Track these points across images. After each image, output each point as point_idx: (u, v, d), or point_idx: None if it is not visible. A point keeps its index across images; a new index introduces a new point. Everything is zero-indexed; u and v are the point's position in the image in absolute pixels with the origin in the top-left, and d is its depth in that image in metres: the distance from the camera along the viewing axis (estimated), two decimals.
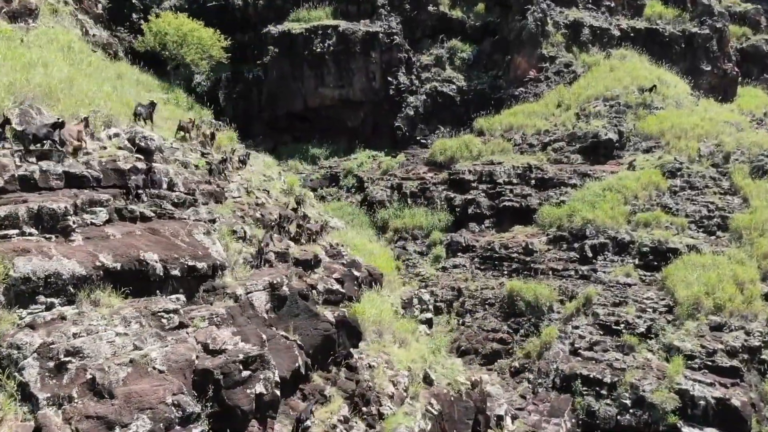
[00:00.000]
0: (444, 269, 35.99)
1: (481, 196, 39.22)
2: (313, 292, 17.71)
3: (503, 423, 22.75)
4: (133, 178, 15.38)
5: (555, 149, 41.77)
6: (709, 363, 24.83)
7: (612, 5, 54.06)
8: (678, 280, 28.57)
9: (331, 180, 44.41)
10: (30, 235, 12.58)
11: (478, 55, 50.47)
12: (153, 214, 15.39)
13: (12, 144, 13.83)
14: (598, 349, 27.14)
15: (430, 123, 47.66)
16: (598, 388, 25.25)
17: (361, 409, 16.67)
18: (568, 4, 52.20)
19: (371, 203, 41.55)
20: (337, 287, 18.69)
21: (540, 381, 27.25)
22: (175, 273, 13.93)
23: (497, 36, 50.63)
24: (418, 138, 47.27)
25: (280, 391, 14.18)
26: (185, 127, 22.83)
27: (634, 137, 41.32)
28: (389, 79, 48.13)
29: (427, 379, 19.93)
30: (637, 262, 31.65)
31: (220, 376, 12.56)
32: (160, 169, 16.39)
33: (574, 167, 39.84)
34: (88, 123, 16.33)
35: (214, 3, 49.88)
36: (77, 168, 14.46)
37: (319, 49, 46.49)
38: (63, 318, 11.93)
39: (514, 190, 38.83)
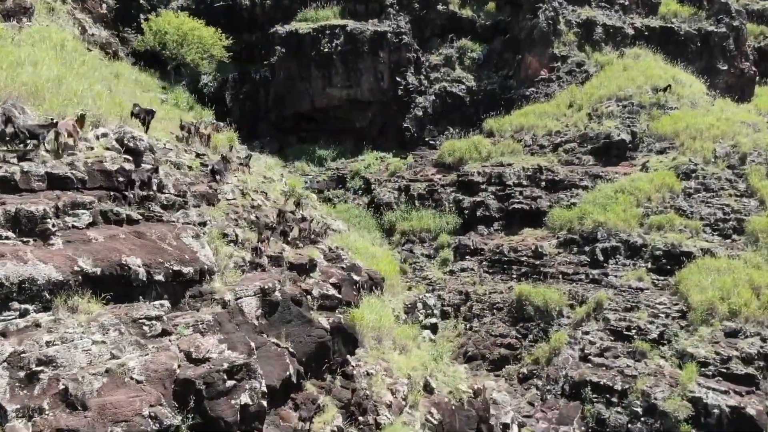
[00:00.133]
0: (452, 273, 35.46)
1: (490, 198, 38.61)
2: (308, 297, 17.12)
3: (509, 431, 22.19)
4: (120, 179, 14.90)
5: (566, 150, 41.02)
6: (723, 370, 24.15)
7: (626, 3, 53.07)
8: (692, 284, 27.85)
9: (338, 182, 43.85)
10: (6, 239, 12.05)
11: (489, 54, 49.63)
12: (140, 217, 14.86)
13: None
14: (608, 355, 26.48)
15: (439, 124, 46.94)
16: (608, 396, 24.60)
17: (357, 418, 16.06)
18: (580, 3, 51.26)
19: (378, 205, 41.01)
20: (333, 292, 18.07)
21: (549, 388, 26.69)
22: (159, 278, 13.38)
23: (508, 35, 49.77)
24: (427, 139, 46.54)
25: (270, 400, 13.63)
26: (186, 127, 22.43)
27: (648, 138, 40.47)
28: (398, 79, 47.41)
29: (427, 387, 19.33)
30: (649, 266, 30.89)
31: (203, 386, 11.98)
32: (148, 170, 15.89)
33: (585, 169, 39.09)
34: (84, 120, 15.92)
35: (222, 3, 49.50)
36: (61, 169, 13.97)
37: (326, 49, 45.92)
38: (37, 325, 11.38)
39: (523, 192, 38.18)
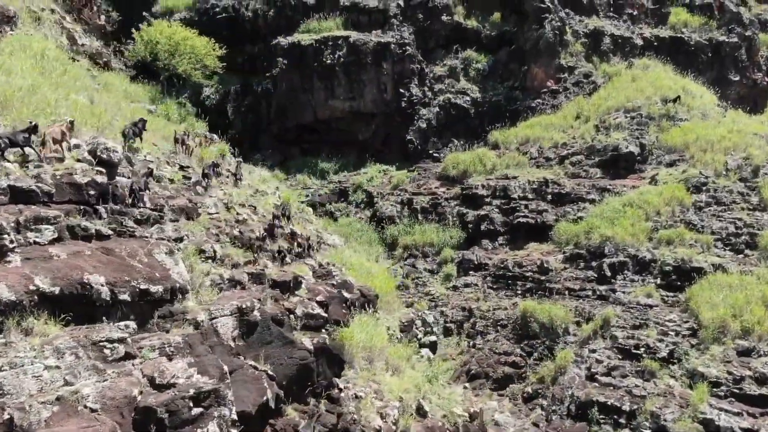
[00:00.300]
0: (455, 288, 34.63)
1: (495, 211, 37.76)
2: (291, 317, 16.27)
3: None
4: (91, 192, 14.18)
5: (573, 163, 40.12)
6: (736, 391, 23.03)
7: (635, 14, 52.24)
8: (703, 301, 26.79)
9: (340, 195, 43.13)
10: None
11: (494, 65, 48.79)
12: (111, 232, 14.12)
13: None
14: (616, 374, 25.49)
15: (443, 136, 46.10)
16: (616, 417, 23.57)
17: None
18: (588, 13, 50.47)
19: (380, 219, 40.21)
20: (319, 311, 17.19)
21: (554, 408, 25.67)
22: (125, 297, 12.59)
23: (513, 46, 48.92)
24: (431, 151, 45.69)
25: (245, 428, 12.83)
26: (180, 140, 21.79)
27: (657, 150, 39.45)
28: (401, 90, 46.77)
29: (420, 411, 18.36)
30: (658, 281, 29.87)
31: (165, 415, 11.16)
32: (123, 182, 15.18)
33: (592, 182, 38.14)
34: (73, 126, 15.57)
35: (224, 15, 49.18)
36: (25, 182, 13.27)
37: (329, 61, 45.41)
38: None
39: (529, 206, 37.31)
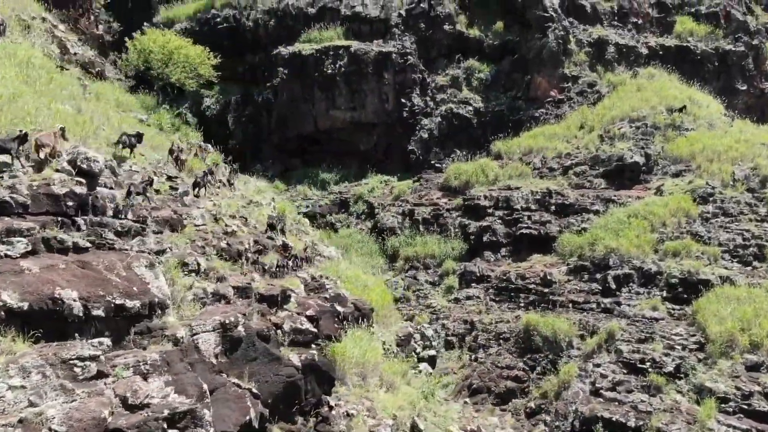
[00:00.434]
0: (456, 301, 34.01)
1: (497, 223, 37.17)
2: (278, 332, 15.68)
3: None
4: (69, 203, 13.68)
5: (577, 173, 39.46)
6: (744, 407, 22.31)
7: (639, 22, 51.71)
8: (710, 314, 26.11)
9: (341, 206, 42.70)
10: None
11: (497, 75, 48.27)
12: (90, 245, 13.61)
13: None
14: (621, 389, 24.77)
15: (446, 146, 45.55)
16: None
17: None
18: (592, 22, 49.96)
19: (381, 230, 39.66)
20: (308, 326, 16.58)
21: (558, 424, 25.06)
22: (98, 313, 12.04)
23: (516, 55, 48.41)
24: (433, 162, 45.11)
25: None
26: (175, 154, 21.39)
27: (663, 160, 38.78)
28: (403, 100, 46.34)
29: (414, 429, 17.69)
30: (664, 294, 29.15)
31: None
32: (104, 194, 14.68)
33: (597, 192, 37.45)
34: (65, 132, 15.37)
35: (225, 25, 49.04)
36: None
37: (330, 71, 45.10)
38: None
39: (532, 217, 36.65)
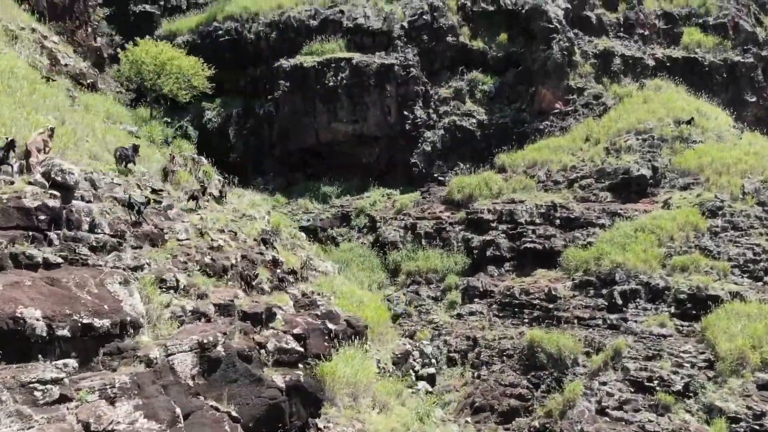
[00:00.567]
0: (459, 316, 33.36)
1: (501, 237, 36.47)
2: (262, 351, 14.98)
3: None
4: (41, 218, 13.09)
5: (582, 186, 38.83)
6: (756, 427, 21.79)
7: (646, 33, 51.17)
8: (719, 331, 25.56)
9: (342, 220, 42.25)
10: None
11: (500, 87, 47.75)
12: (62, 260, 12.99)
13: None
14: (628, 408, 24.29)
15: (449, 159, 44.99)
16: None
17: None
18: (597, 33, 49.53)
19: (383, 244, 39.06)
20: (293, 345, 15.84)
21: None
22: (64, 333, 11.36)
23: (520, 67, 47.93)
24: (436, 175, 44.45)
25: None
26: (170, 170, 20.92)
27: (670, 173, 38.13)
28: (405, 113, 45.83)
29: None
30: (672, 310, 28.53)
31: None
32: (80, 207, 14.08)
33: (602, 206, 36.80)
34: (53, 134, 15.17)
35: (227, 38, 48.84)
36: None
37: (331, 83, 44.77)
38: None
39: (536, 231, 35.99)
